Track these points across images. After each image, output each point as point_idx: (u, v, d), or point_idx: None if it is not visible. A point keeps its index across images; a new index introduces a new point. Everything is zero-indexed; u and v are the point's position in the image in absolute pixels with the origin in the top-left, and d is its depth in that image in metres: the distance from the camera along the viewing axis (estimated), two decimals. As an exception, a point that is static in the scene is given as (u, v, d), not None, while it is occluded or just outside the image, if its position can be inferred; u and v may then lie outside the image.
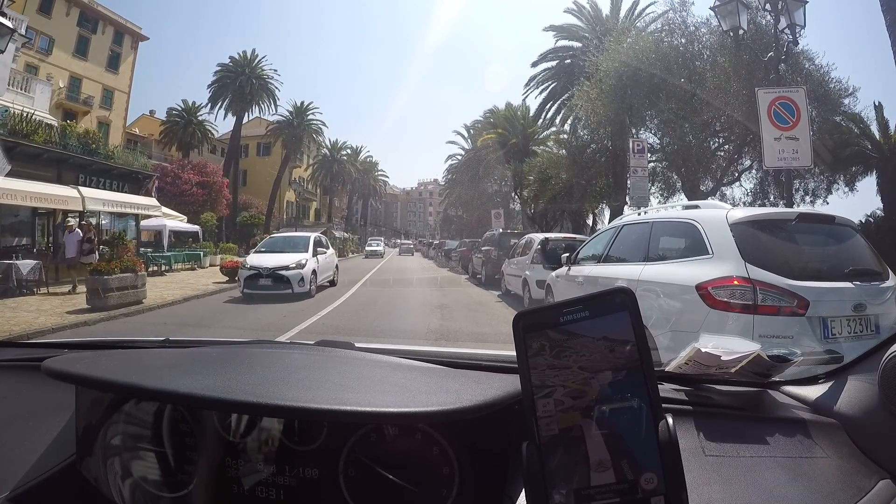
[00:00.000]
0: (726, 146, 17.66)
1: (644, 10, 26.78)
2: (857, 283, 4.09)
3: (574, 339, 0.67)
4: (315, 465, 1.05)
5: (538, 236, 12.81)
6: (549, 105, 31.30)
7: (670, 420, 0.64)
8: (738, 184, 18.59)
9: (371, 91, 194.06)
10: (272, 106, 48.20)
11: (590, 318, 0.67)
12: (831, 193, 17.50)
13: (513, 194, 36.47)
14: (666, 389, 1.21)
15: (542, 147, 33.58)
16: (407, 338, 8.18)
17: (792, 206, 9.92)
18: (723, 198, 18.72)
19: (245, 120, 47.02)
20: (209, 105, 45.48)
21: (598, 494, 0.63)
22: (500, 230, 23.23)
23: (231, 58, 46.43)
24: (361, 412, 0.87)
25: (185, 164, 36.69)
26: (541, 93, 31.52)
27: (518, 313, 0.70)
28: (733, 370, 1.12)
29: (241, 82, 45.10)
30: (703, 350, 1.14)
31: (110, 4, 35.84)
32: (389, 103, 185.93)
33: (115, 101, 36.93)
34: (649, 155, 17.23)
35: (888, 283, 4.27)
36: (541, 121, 33.75)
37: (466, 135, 45.52)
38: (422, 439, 1.01)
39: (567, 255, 7.87)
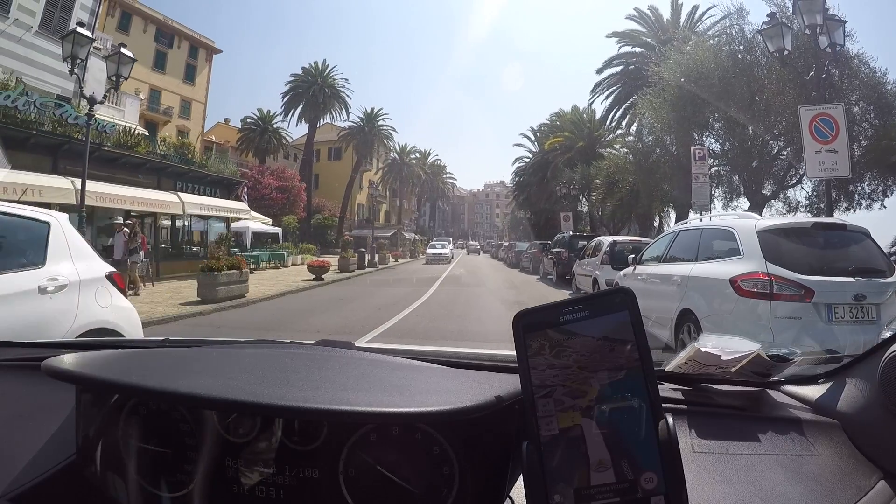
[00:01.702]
0: (787, 149, 17.69)
1: (703, 14, 27.13)
2: (859, 278, 5.00)
3: (574, 338, 0.68)
4: (315, 464, 1.05)
5: (607, 239, 13.56)
6: (614, 109, 31.99)
7: (670, 420, 0.65)
8: (799, 186, 18.54)
9: (434, 95, 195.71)
10: (343, 113, 50.00)
11: (590, 318, 0.68)
12: (888, 196, 17.19)
13: (581, 197, 36.22)
14: (665, 389, 1.21)
15: (608, 150, 33.32)
16: (491, 327, 9.06)
17: (832, 213, 10.60)
18: (786, 200, 19.03)
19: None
20: (283, 113, 47.74)
21: (598, 494, 0.64)
22: (570, 233, 23.43)
23: (303, 68, 48.77)
24: (361, 412, 0.87)
25: (264, 169, 38.78)
26: (606, 97, 32.34)
27: (518, 313, 0.71)
28: (733, 370, 1.13)
29: (314, 91, 47.04)
30: (703, 350, 1.15)
31: (185, 20, 38.15)
32: (453, 107, 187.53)
33: (192, 111, 39.16)
34: (712, 160, 17.73)
35: (891, 280, 5.13)
36: (607, 124, 34.06)
37: (533, 138, 44.78)
38: (422, 439, 1.00)
39: (633, 256, 8.69)
